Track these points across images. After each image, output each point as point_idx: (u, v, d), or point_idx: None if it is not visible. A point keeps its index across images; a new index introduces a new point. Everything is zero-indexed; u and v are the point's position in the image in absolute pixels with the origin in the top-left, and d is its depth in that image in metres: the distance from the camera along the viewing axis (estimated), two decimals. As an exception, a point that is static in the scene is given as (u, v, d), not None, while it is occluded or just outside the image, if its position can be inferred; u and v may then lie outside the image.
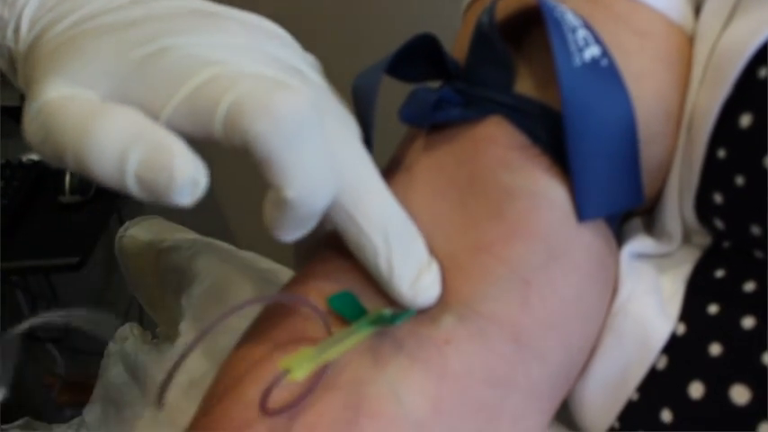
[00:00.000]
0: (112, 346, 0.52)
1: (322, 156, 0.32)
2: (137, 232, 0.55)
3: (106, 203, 1.18)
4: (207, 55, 0.32)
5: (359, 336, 0.33)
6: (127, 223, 0.57)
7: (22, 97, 0.35)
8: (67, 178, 1.14)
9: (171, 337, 0.54)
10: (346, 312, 0.35)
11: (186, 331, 0.46)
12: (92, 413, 0.46)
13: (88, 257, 1.11)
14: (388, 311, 0.35)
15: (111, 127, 0.30)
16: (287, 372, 0.31)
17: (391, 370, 0.33)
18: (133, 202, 1.33)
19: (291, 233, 0.34)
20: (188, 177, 0.30)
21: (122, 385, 0.47)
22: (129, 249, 0.54)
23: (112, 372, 0.48)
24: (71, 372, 1.77)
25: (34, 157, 1.23)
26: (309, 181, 0.31)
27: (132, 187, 0.31)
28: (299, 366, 0.31)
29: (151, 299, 0.55)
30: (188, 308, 0.48)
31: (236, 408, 0.33)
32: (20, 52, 0.36)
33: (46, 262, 1.09)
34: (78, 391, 0.54)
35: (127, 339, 0.51)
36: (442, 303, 0.36)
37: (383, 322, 0.34)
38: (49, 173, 1.19)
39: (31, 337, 1.65)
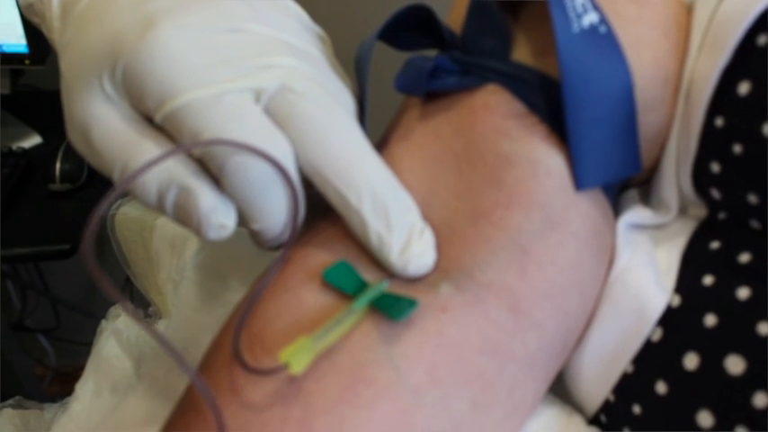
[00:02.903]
0: (104, 324, 0.52)
1: (284, 200, 0.36)
2: (129, 209, 0.55)
3: (96, 191, 1.17)
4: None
5: (356, 316, 0.33)
6: (119, 201, 0.56)
7: (14, 85, 0.38)
8: (57, 166, 1.13)
9: (163, 314, 0.54)
10: (344, 285, 0.35)
11: (183, 301, 0.46)
12: (84, 387, 0.46)
13: (79, 244, 1.11)
14: (385, 284, 0.35)
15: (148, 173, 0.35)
16: (286, 365, 0.31)
17: (388, 337, 0.33)
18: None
19: (268, 246, 0.39)
20: (214, 224, 0.35)
21: (115, 359, 0.47)
22: (122, 226, 0.54)
23: (105, 346, 0.48)
24: (62, 363, 1.77)
25: (24, 145, 1.22)
26: (270, 219, 0.36)
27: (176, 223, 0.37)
28: (298, 360, 0.31)
29: (143, 276, 0.54)
30: (182, 280, 0.48)
31: (233, 370, 0.33)
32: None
33: (37, 249, 1.08)
34: (69, 382, 0.54)
35: (119, 317, 0.51)
36: (440, 270, 0.36)
37: (384, 312, 0.34)
38: (38, 161, 1.18)
39: (21, 327, 1.65)
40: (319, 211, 0.39)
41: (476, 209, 0.37)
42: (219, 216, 0.35)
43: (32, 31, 1.14)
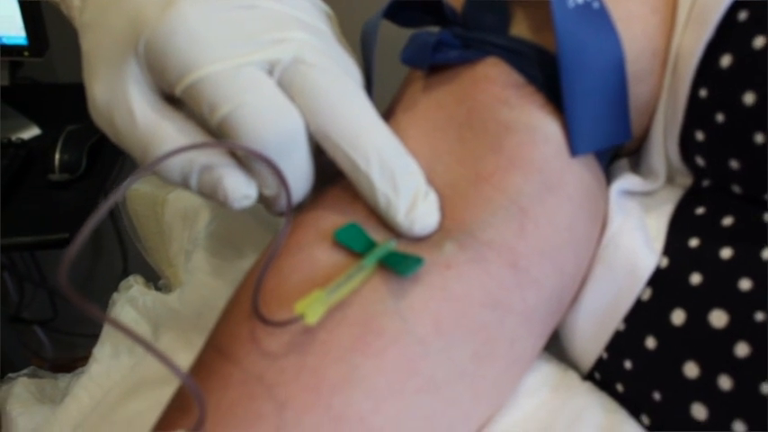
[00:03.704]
0: (116, 296, 0.53)
1: (295, 169, 0.38)
2: (140, 186, 0.57)
3: (95, 181, 1.19)
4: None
5: (366, 272, 0.36)
6: (129, 178, 0.58)
7: (13, 77, 0.40)
8: (57, 157, 1.14)
9: (174, 286, 0.56)
10: (354, 245, 0.37)
11: (197, 267, 0.48)
12: (101, 350, 0.48)
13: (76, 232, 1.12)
14: (393, 243, 0.37)
15: (171, 148, 0.36)
16: (302, 316, 0.33)
17: (396, 292, 0.36)
18: (120, 182, 1.34)
19: (278, 211, 0.41)
20: (239, 196, 0.38)
21: (132, 323, 0.49)
22: (133, 202, 0.56)
23: (120, 313, 0.50)
24: (59, 354, 1.78)
25: (24, 136, 1.24)
26: (279, 187, 0.39)
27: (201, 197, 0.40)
28: (313, 311, 0.33)
29: (154, 250, 0.56)
30: (195, 248, 0.50)
31: (252, 323, 0.36)
32: None
33: (37, 239, 1.09)
34: (66, 374, 0.56)
35: (132, 287, 0.53)
36: (444, 230, 0.38)
37: (393, 268, 0.36)
38: (38, 152, 1.20)
39: (17, 319, 1.66)
40: (328, 177, 0.41)
41: (477, 172, 0.39)
42: (243, 188, 0.38)
43: (32, 23, 1.16)
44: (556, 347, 0.44)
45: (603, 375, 0.43)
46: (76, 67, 0.40)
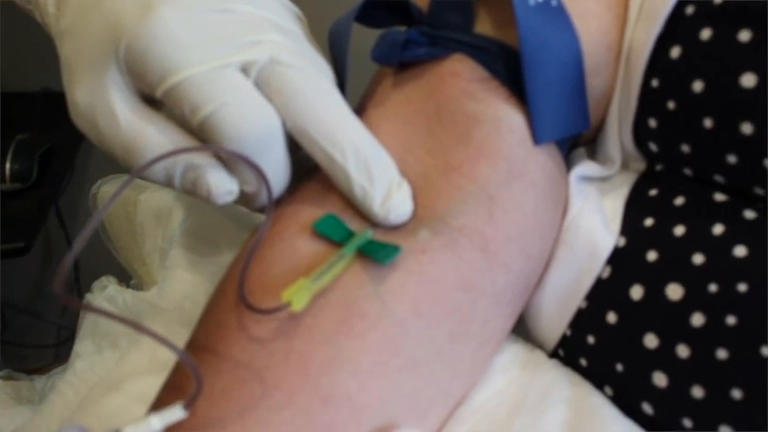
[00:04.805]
0: (91, 297, 0.54)
1: (273, 167, 0.40)
2: (110, 187, 0.58)
3: (47, 190, 1.18)
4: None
5: (347, 259, 0.38)
6: (99, 181, 0.59)
7: None
8: (8, 166, 1.13)
9: (147, 283, 0.57)
10: (333, 234, 0.39)
11: (175, 263, 0.50)
12: (83, 347, 0.49)
13: (33, 242, 1.12)
14: (370, 232, 0.39)
15: (153, 151, 0.39)
16: (288, 304, 0.35)
17: (375, 277, 0.38)
18: (72, 190, 1.33)
19: (257, 206, 0.43)
20: (223, 192, 0.40)
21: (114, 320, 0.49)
22: (103, 201, 0.57)
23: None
24: (9, 367, 1.74)
25: (-29, 145, 1.22)
26: (258, 184, 0.40)
27: (185, 193, 0.41)
28: (299, 298, 0.35)
29: (126, 249, 0.57)
30: (172, 245, 0.51)
31: (239, 311, 0.37)
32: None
33: (-9, 248, 1.08)
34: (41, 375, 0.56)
35: (107, 287, 0.54)
36: (418, 218, 0.40)
37: (372, 256, 0.38)
38: (-13, 161, 1.19)
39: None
40: (304, 171, 0.43)
41: (447, 163, 0.41)
42: (226, 184, 0.40)
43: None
44: (521, 330, 0.47)
45: (567, 351, 0.45)
46: (23, 76, 0.41)
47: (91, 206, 0.58)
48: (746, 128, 0.38)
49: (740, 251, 0.38)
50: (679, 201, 0.42)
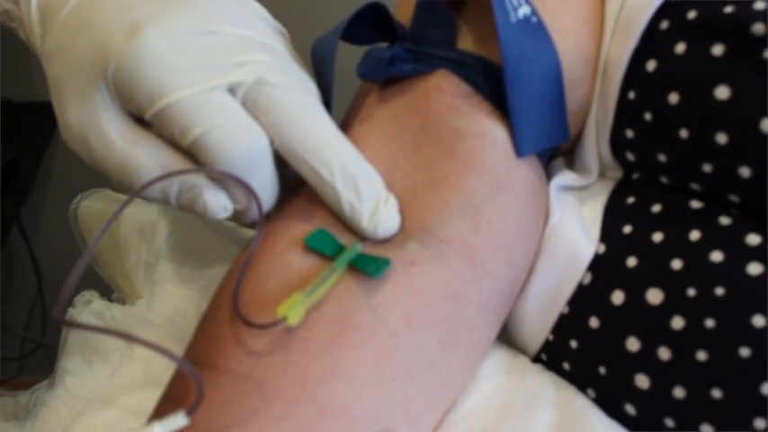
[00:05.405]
0: (74, 312, 0.54)
1: (262, 185, 0.41)
2: (91, 202, 0.58)
3: (9, 205, 1.17)
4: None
5: (339, 273, 0.38)
6: (79, 196, 0.59)
7: None
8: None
9: (130, 298, 0.57)
10: (324, 249, 0.40)
11: (163, 278, 0.50)
12: (72, 362, 0.49)
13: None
14: (359, 245, 0.40)
15: (148, 170, 0.39)
16: (284, 318, 0.36)
17: (367, 289, 0.39)
18: (34, 203, 1.32)
19: (248, 222, 0.43)
20: (219, 209, 0.41)
21: (102, 335, 0.50)
22: (87, 218, 0.57)
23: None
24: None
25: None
26: (249, 200, 0.41)
27: (181, 210, 0.42)
28: (294, 313, 0.36)
29: (108, 263, 0.57)
30: (159, 260, 0.51)
31: (235, 325, 0.38)
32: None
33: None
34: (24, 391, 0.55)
35: (91, 302, 0.54)
36: (406, 231, 0.41)
37: (364, 270, 0.39)
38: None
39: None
40: (292, 187, 0.44)
41: (433, 176, 0.42)
42: (222, 201, 0.40)
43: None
44: (503, 336, 0.48)
45: (550, 356, 0.46)
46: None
47: (71, 221, 0.58)
48: (721, 138, 0.39)
49: (716, 256, 0.39)
50: (656, 208, 0.44)
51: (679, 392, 0.39)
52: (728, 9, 0.40)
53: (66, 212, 0.59)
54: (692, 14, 0.41)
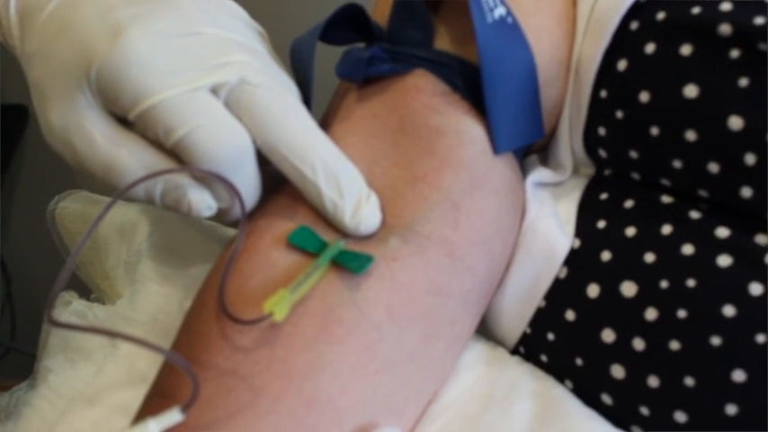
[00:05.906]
0: (55, 313, 0.54)
1: (245, 184, 0.41)
2: (69, 203, 0.58)
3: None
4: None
5: (322, 269, 0.39)
6: (56, 197, 0.59)
7: None
8: None
9: (110, 298, 0.57)
10: (307, 245, 0.41)
11: (145, 276, 0.50)
12: (55, 362, 0.49)
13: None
14: (342, 242, 0.41)
15: (132, 170, 0.40)
16: (270, 314, 0.36)
17: (351, 284, 0.39)
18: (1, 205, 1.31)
19: (231, 220, 0.44)
20: (203, 207, 0.41)
21: (86, 334, 0.50)
22: (65, 219, 0.57)
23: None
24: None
25: None
26: (232, 199, 0.41)
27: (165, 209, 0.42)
28: (280, 309, 0.37)
29: (88, 264, 0.57)
30: (140, 259, 0.52)
31: (221, 322, 0.39)
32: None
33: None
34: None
35: (71, 303, 0.54)
36: (387, 227, 0.42)
37: (346, 266, 0.39)
38: None
39: None
40: (275, 185, 0.44)
41: (413, 173, 0.43)
42: (206, 199, 0.41)
43: None
44: (481, 328, 0.49)
45: (528, 348, 0.47)
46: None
47: (48, 223, 0.58)
48: (690, 135, 0.41)
49: (688, 249, 0.41)
50: (629, 203, 0.45)
51: (653, 381, 0.40)
52: (696, 10, 0.41)
53: (33, 215, 0.59)
54: (661, 15, 0.42)
